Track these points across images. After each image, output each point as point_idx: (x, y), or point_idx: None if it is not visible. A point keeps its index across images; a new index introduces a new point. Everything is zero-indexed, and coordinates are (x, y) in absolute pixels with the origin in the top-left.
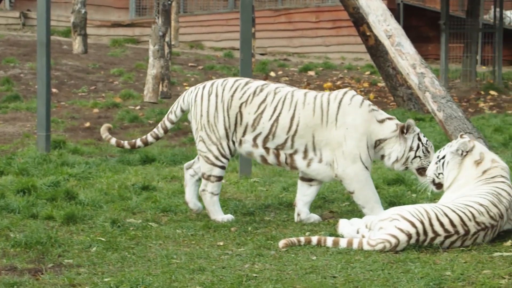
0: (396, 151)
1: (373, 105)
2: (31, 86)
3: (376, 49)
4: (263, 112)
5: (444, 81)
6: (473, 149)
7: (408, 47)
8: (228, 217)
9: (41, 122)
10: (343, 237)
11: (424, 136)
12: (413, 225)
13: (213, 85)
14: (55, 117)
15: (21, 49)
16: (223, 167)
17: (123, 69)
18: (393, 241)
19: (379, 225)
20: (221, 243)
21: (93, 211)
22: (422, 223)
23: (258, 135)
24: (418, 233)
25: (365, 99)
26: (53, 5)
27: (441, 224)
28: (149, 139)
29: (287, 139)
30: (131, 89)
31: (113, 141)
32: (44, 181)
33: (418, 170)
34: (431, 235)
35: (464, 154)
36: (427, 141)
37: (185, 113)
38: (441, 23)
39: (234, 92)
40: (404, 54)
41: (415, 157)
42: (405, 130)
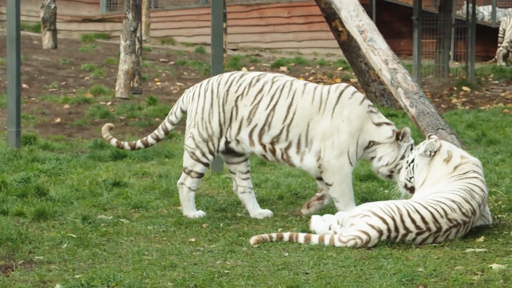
0: (388, 155)
1: (373, 106)
2: (1, 81)
3: (348, 45)
4: (259, 102)
5: (416, 76)
6: (440, 148)
7: (380, 42)
8: (199, 214)
9: (11, 117)
10: (315, 233)
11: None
12: (384, 222)
13: (209, 82)
14: (26, 113)
15: None
16: (206, 164)
17: (94, 64)
18: (364, 237)
19: (350, 221)
20: (193, 240)
21: (64, 207)
22: (393, 219)
23: (253, 128)
24: (389, 230)
25: (366, 99)
26: (23, 0)
27: (413, 220)
28: (150, 140)
29: (282, 129)
30: (102, 85)
31: (113, 141)
32: (14, 177)
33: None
34: (402, 231)
35: (432, 154)
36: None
37: (185, 113)
38: (413, 18)
39: (229, 86)
40: (376, 49)
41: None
42: (400, 137)
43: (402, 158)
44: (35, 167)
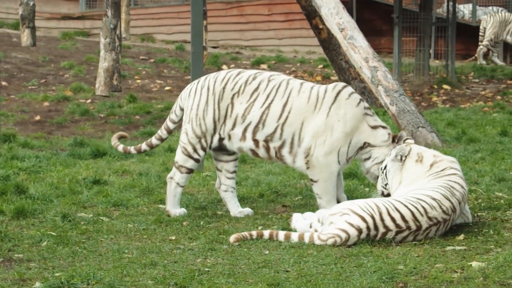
0: (383, 155)
1: (369, 109)
2: None
3: (328, 43)
4: (255, 100)
5: (397, 75)
6: (411, 151)
7: (361, 40)
8: (181, 212)
9: None
10: (296, 231)
11: None
12: (364, 220)
13: (206, 79)
14: (5, 111)
15: None
16: (197, 160)
17: (74, 62)
18: (344, 235)
19: (330, 220)
20: (173, 238)
21: (43, 205)
22: (372, 218)
23: (248, 125)
24: (368, 228)
25: (362, 101)
26: None
27: (393, 219)
28: (154, 141)
29: (276, 128)
30: (82, 82)
31: (120, 147)
32: None
33: None
34: (382, 230)
35: (403, 158)
36: None
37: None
38: (394, 16)
39: (225, 83)
40: (356, 47)
41: None
42: (396, 140)
43: None
44: (15, 165)
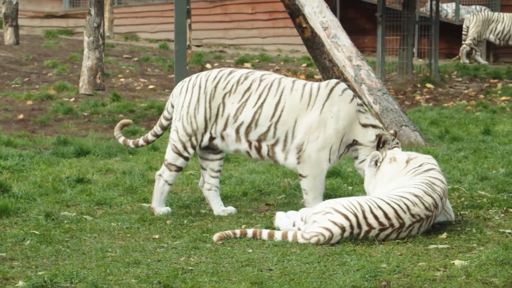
0: (365, 156)
1: (362, 105)
2: None
3: (312, 41)
4: (247, 100)
5: (380, 73)
6: (385, 156)
7: (344, 39)
8: (165, 210)
9: None
10: (279, 229)
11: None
12: (347, 218)
13: (197, 77)
14: None
15: None
16: (187, 159)
17: (57, 60)
18: (327, 234)
19: (313, 219)
20: (157, 236)
21: (26, 204)
22: (355, 216)
23: (240, 125)
24: (352, 226)
25: (356, 97)
26: None
27: (375, 217)
28: (150, 137)
29: (270, 127)
30: (65, 81)
31: (121, 140)
32: None
33: None
34: (365, 228)
35: (378, 164)
36: None
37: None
38: (377, 15)
39: (217, 82)
40: (340, 46)
41: None
42: (381, 144)
43: None
44: None
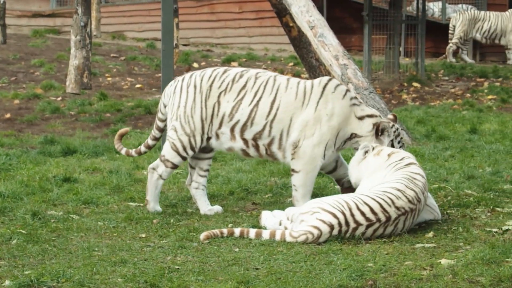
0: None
1: (356, 98)
2: None
3: (299, 40)
4: (242, 98)
5: (367, 72)
6: (374, 148)
7: (331, 38)
8: (157, 209)
9: None
10: (265, 228)
11: (400, 141)
12: (335, 216)
13: (191, 76)
14: None
15: None
16: (185, 158)
17: (44, 59)
18: (316, 232)
19: (301, 218)
20: (143, 235)
21: (13, 203)
22: (343, 213)
23: (235, 124)
24: (340, 224)
25: (348, 91)
26: None
27: (362, 213)
28: (150, 142)
29: (265, 125)
30: (53, 80)
31: (123, 151)
32: None
33: None
34: (353, 225)
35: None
36: (401, 147)
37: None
38: (364, 14)
39: (212, 81)
40: (327, 45)
41: None
42: (380, 132)
43: None
44: None
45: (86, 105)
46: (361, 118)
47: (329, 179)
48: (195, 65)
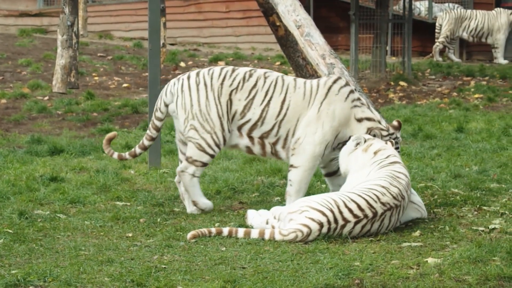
0: None
1: (357, 100)
2: None
3: (286, 40)
4: (254, 97)
5: (354, 71)
6: (365, 142)
7: (317, 37)
8: (207, 203)
9: None
10: (252, 227)
11: (397, 143)
12: (323, 214)
13: (198, 75)
14: None
15: None
16: (212, 156)
17: (31, 59)
18: (305, 230)
19: (289, 217)
20: (130, 235)
21: (0, 202)
22: (331, 211)
23: (246, 122)
24: (329, 222)
25: (351, 93)
26: None
27: (350, 210)
28: (146, 143)
29: (274, 125)
30: (40, 80)
31: (115, 155)
32: None
33: None
34: (341, 222)
35: (357, 147)
36: (396, 149)
37: (168, 107)
38: (351, 13)
39: (223, 79)
40: (313, 44)
41: None
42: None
43: None
44: None
45: (73, 105)
46: (359, 120)
47: (315, 177)
48: (182, 64)
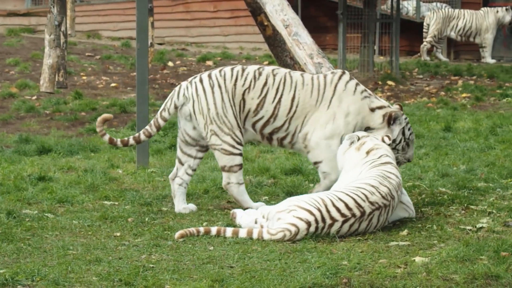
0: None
1: (366, 90)
2: None
3: (274, 39)
4: (266, 95)
5: None
6: (359, 140)
7: (305, 37)
8: (259, 204)
9: None
10: (241, 227)
11: (410, 129)
12: (311, 213)
13: (211, 77)
14: None
15: None
16: (241, 155)
17: (19, 59)
18: (293, 229)
19: (277, 216)
20: (118, 234)
21: None
22: (319, 210)
23: (259, 119)
24: (316, 221)
25: (358, 85)
26: None
27: (338, 209)
28: (142, 137)
29: (285, 121)
30: (28, 79)
31: (106, 137)
32: None
33: None
34: (329, 221)
35: (352, 145)
36: (410, 134)
37: (177, 109)
38: (338, 13)
39: (235, 80)
40: (301, 44)
41: (394, 148)
42: (391, 121)
43: (393, 141)
44: None
45: (61, 104)
46: (372, 109)
47: (303, 177)
48: (170, 64)
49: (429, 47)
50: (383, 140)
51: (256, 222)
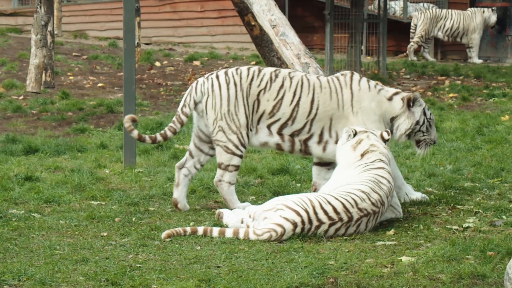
0: (405, 123)
1: (378, 83)
2: None
3: (261, 39)
4: (283, 97)
5: (329, 71)
6: (356, 135)
7: (292, 37)
8: (245, 204)
9: None
10: (227, 227)
11: (428, 109)
12: (298, 214)
13: (227, 74)
14: None
15: None
16: (241, 156)
17: (6, 58)
18: (279, 230)
19: (264, 215)
20: (105, 234)
21: None
22: (306, 211)
23: (275, 121)
24: (303, 222)
25: (368, 81)
26: None
27: (325, 212)
28: (168, 133)
29: (306, 124)
30: (14, 79)
31: (135, 133)
32: None
33: (416, 142)
34: (315, 223)
35: (348, 139)
36: (431, 114)
37: (197, 105)
38: (326, 13)
39: (251, 80)
40: (288, 44)
41: (418, 130)
42: (411, 103)
43: (417, 123)
44: None
45: (48, 104)
46: (390, 98)
47: (291, 176)
48: (157, 64)
49: (416, 47)
50: (381, 136)
51: (242, 221)
